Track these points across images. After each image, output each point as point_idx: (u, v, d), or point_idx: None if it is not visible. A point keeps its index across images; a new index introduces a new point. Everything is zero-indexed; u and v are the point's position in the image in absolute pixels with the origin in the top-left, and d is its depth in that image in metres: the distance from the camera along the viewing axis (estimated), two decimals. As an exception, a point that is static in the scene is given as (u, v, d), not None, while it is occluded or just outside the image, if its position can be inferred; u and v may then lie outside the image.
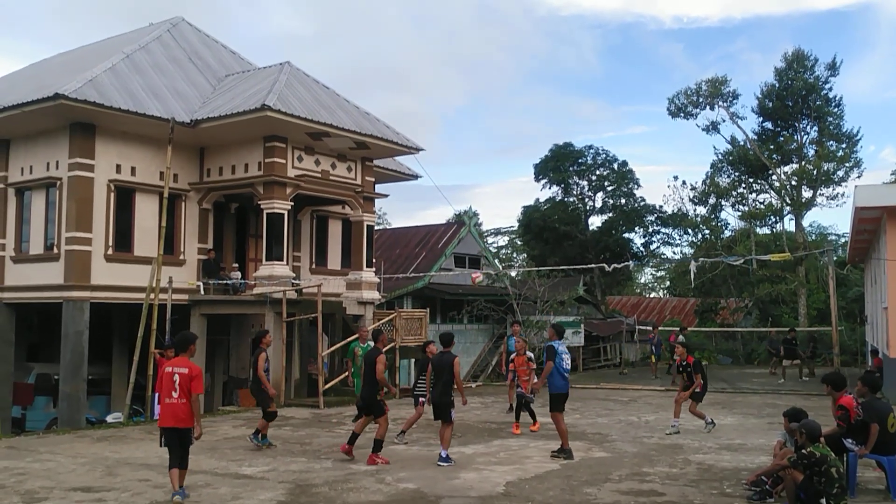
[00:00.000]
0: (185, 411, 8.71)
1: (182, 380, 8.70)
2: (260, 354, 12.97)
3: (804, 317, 39.87)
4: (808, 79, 41.97)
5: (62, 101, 18.14)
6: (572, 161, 49.99)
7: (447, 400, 10.88)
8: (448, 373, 10.90)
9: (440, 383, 10.97)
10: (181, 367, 8.79)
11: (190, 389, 8.66)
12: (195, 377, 8.73)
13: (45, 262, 20.16)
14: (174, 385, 8.72)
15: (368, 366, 11.32)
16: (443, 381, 10.94)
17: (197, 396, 8.75)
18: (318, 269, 25.28)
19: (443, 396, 10.89)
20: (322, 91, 22.89)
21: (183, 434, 8.81)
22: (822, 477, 7.70)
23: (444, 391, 10.91)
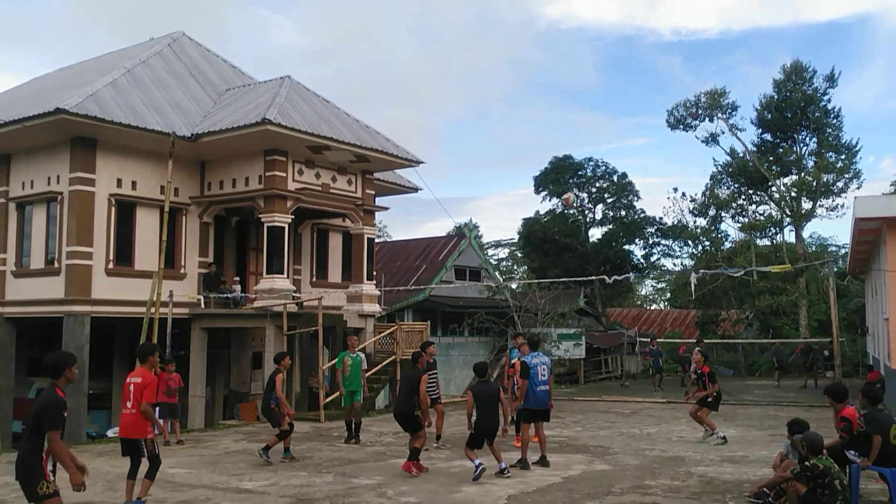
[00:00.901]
0: (136, 421, 8.62)
1: (136, 389, 8.64)
2: (277, 375, 13.01)
3: (805, 328, 39.82)
4: (806, 90, 42.11)
5: (63, 116, 18.20)
6: (572, 173, 50.06)
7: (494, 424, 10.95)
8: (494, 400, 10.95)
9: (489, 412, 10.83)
10: (137, 376, 8.75)
11: (143, 398, 8.58)
12: (147, 386, 8.63)
13: (46, 277, 20.17)
14: (129, 395, 8.70)
15: (412, 382, 11.48)
16: (491, 409, 10.87)
17: (146, 404, 8.58)
18: (319, 282, 25.28)
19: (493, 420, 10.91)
20: (322, 105, 22.97)
21: (133, 444, 8.72)
22: (825, 489, 7.68)
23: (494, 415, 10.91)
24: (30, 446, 6.24)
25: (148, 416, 8.64)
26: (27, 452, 6.25)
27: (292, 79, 23.23)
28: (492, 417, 10.70)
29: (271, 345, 20.12)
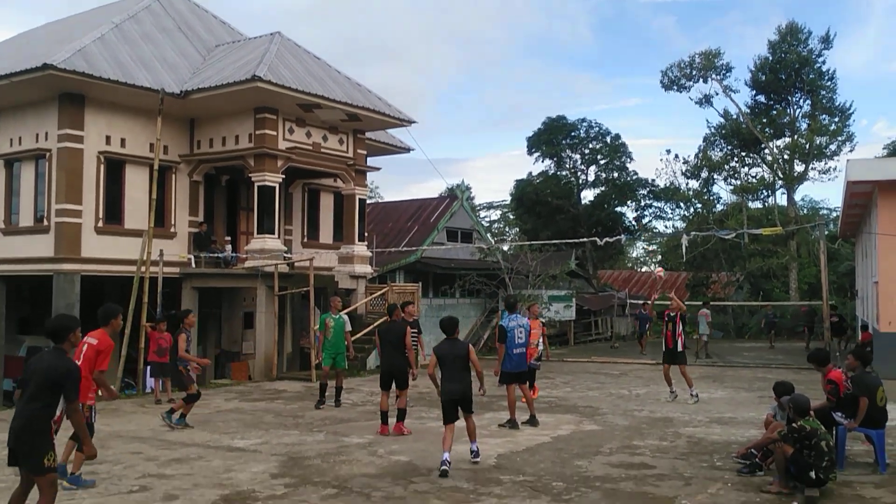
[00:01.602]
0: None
1: (89, 351, 7.85)
2: (180, 335, 12.48)
3: (795, 291, 40.08)
4: (801, 52, 41.83)
5: (51, 72, 17.92)
6: (565, 134, 49.76)
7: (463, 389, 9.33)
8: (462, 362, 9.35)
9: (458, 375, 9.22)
10: (94, 338, 7.97)
11: (95, 363, 7.86)
12: (103, 351, 7.89)
13: (35, 235, 20.02)
14: (79, 355, 7.81)
15: (397, 336, 11.40)
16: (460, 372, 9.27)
17: (99, 373, 7.87)
18: (310, 243, 25.21)
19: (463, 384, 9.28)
20: (313, 62, 22.67)
21: None
22: (811, 450, 7.75)
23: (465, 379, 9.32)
24: (39, 413, 5.80)
25: (99, 383, 7.95)
26: (35, 419, 5.80)
27: (283, 35, 22.89)
28: (461, 381, 9.11)
29: (262, 305, 20.11)
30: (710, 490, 8.04)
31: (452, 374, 9.15)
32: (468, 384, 9.16)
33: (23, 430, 5.79)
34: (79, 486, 7.90)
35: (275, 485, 8.27)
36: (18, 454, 5.85)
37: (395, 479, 8.51)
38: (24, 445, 5.79)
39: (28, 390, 5.91)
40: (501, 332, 11.66)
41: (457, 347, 9.35)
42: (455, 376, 9.13)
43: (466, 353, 9.29)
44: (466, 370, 9.23)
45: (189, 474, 8.75)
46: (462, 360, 9.23)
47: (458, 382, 9.12)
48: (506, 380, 11.84)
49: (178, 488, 8.11)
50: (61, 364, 5.93)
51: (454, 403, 9.11)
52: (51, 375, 5.85)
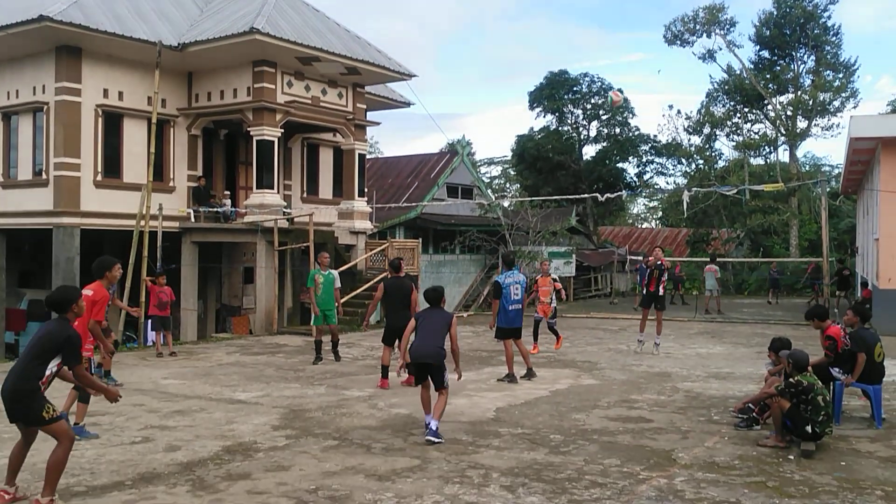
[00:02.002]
0: None
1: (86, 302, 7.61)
2: None
3: (795, 248, 40.09)
4: (806, 6, 41.22)
5: (47, 24, 17.69)
6: (567, 89, 49.28)
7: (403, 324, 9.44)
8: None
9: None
10: (89, 289, 7.96)
11: (91, 313, 7.84)
12: (98, 301, 7.91)
13: (34, 188, 19.96)
14: None
15: (405, 295, 11.50)
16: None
17: (94, 323, 7.89)
18: (310, 198, 25.14)
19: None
20: (312, 14, 22.36)
21: None
22: (808, 405, 7.81)
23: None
24: (27, 374, 5.90)
25: (94, 335, 8.02)
26: (22, 380, 5.90)
27: (281, -13, 22.51)
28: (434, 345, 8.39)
29: (262, 260, 20.14)
30: (707, 444, 8.12)
31: (425, 338, 8.42)
32: (440, 353, 8.37)
33: (12, 392, 5.91)
34: (82, 437, 7.96)
35: (276, 436, 8.35)
36: (13, 414, 5.99)
37: (394, 431, 8.60)
38: (17, 405, 5.92)
39: (25, 351, 6.08)
40: (497, 288, 11.71)
41: (440, 314, 8.67)
42: (427, 341, 8.37)
43: (448, 323, 8.56)
44: (442, 338, 8.46)
45: (191, 426, 8.84)
46: (442, 327, 8.49)
47: (431, 346, 8.34)
48: (501, 335, 11.91)
49: (180, 439, 8.19)
50: (62, 331, 6.03)
51: (423, 368, 8.38)
52: (49, 340, 5.97)
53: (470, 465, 7.24)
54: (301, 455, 7.59)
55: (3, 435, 8.04)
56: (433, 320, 8.55)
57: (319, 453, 7.66)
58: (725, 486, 6.61)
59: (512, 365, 11.93)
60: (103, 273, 8.21)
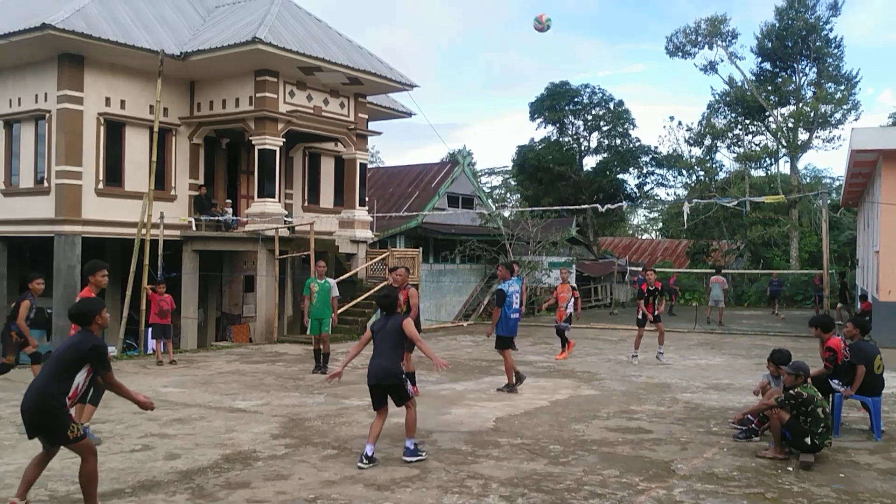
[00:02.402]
0: None
1: None
2: (23, 302, 10.80)
3: (795, 260, 40.09)
4: (808, 18, 41.36)
5: (50, 32, 17.80)
6: (568, 100, 49.41)
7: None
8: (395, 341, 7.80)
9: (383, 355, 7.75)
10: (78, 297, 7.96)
11: None
12: None
13: (36, 196, 20.02)
14: None
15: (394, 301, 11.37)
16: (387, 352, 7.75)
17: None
18: (311, 207, 25.19)
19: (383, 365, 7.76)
20: (314, 24, 22.46)
21: None
22: (807, 417, 7.81)
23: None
24: (55, 390, 5.66)
25: None
26: (52, 396, 5.66)
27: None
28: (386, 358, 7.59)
29: (263, 268, 20.17)
30: (706, 455, 8.11)
31: (377, 354, 7.70)
32: (392, 370, 7.55)
33: (36, 409, 5.67)
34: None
35: (275, 445, 8.35)
36: (36, 431, 5.76)
37: (394, 441, 8.59)
38: (40, 423, 5.68)
39: (47, 365, 5.82)
40: (500, 296, 11.73)
41: (393, 321, 7.75)
42: (378, 358, 7.63)
43: (399, 329, 7.64)
44: (395, 351, 7.69)
45: (191, 434, 8.84)
46: (395, 337, 7.67)
47: (380, 364, 7.59)
48: (503, 344, 11.90)
49: (179, 448, 8.19)
50: (86, 342, 5.86)
51: (379, 389, 7.63)
52: (73, 353, 5.79)
53: (469, 475, 7.23)
54: (300, 464, 7.59)
55: (3, 442, 8.04)
56: (385, 331, 7.72)
57: (319, 462, 7.66)
58: (724, 498, 6.61)
59: (511, 374, 11.92)
60: (88, 278, 8.25)
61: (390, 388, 7.61)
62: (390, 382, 7.58)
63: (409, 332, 7.70)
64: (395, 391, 7.64)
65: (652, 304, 15.32)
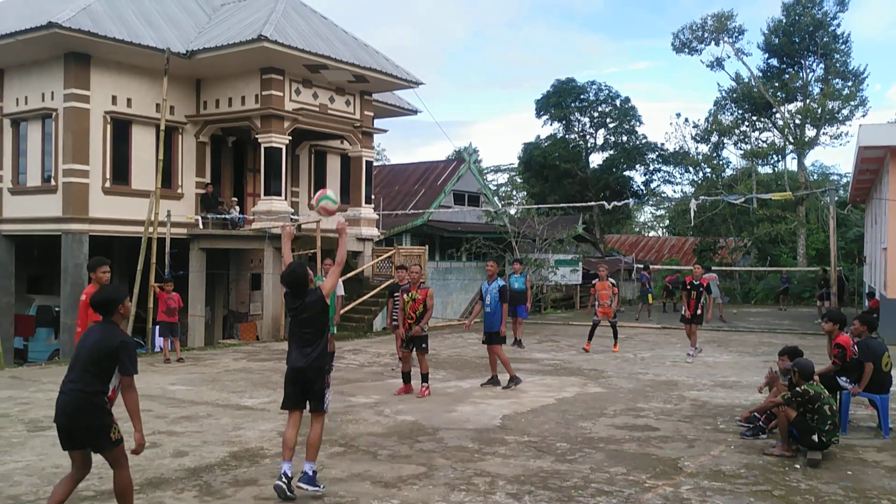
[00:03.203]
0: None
1: (81, 306, 8.00)
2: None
3: (803, 257, 39.96)
4: (816, 14, 41.16)
5: (56, 30, 17.83)
6: (574, 97, 49.31)
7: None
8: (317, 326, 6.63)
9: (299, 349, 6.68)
10: (84, 293, 8.02)
11: (87, 316, 7.70)
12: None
13: (43, 195, 20.08)
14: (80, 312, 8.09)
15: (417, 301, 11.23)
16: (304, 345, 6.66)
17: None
18: (317, 205, 25.18)
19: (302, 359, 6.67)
20: (320, 22, 22.46)
21: None
22: (814, 414, 7.79)
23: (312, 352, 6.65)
24: (92, 391, 5.26)
25: None
26: (93, 394, 5.26)
27: (290, -6, 22.64)
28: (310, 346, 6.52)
29: (270, 266, 20.20)
30: (713, 452, 8.10)
31: (296, 340, 6.60)
32: (317, 358, 6.48)
33: (78, 412, 5.23)
34: None
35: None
36: (77, 437, 5.29)
37: (401, 438, 8.60)
38: (83, 426, 5.24)
39: (77, 366, 5.35)
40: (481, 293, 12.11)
41: (312, 298, 6.47)
42: (298, 344, 6.57)
43: (321, 300, 6.49)
44: (319, 333, 6.51)
45: (198, 432, 8.87)
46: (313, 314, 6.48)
47: (301, 352, 6.53)
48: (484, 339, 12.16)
49: (187, 445, 8.21)
50: (113, 336, 5.42)
51: (296, 383, 6.56)
52: (102, 348, 5.34)
53: (476, 472, 7.24)
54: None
55: (12, 440, 8.07)
56: (301, 309, 6.46)
57: (326, 460, 7.67)
58: (731, 495, 6.60)
59: (511, 369, 12.02)
60: (89, 274, 8.25)
61: (308, 382, 6.42)
62: (312, 382, 6.42)
63: (328, 287, 6.53)
64: (313, 393, 6.46)
65: (695, 301, 15.20)
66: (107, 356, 5.32)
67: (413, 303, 11.20)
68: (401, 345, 11.64)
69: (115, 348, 5.33)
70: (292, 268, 6.59)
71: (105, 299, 5.58)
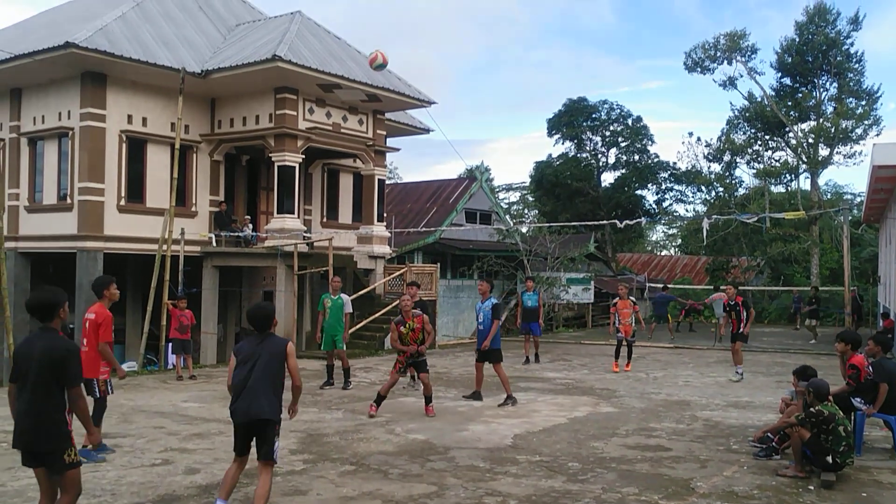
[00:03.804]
0: (88, 360, 7.89)
1: (90, 326, 8.11)
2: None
3: (816, 276, 39.70)
4: (829, 33, 41.14)
5: (73, 51, 18.06)
6: (586, 116, 49.44)
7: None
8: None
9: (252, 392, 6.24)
10: (91, 312, 8.20)
11: (98, 336, 8.04)
12: (101, 324, 8.07)
13: (59, 212, 20.26)
14: (84, 331, 8.19)
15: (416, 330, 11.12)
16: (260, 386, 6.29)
17: (104, 344, 8.07)
18: (330, 223, 25.31)
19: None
20: (334, 42, 22.66)
21: (87, 384, 7.85)
22: (829, 435, 7.74)
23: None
24: (49, 406, 5.04)
25: (105, 357, 8.10)
26: (46, 414, 5.03)
27: (303, 14, 22.89)
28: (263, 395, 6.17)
29: (282, 284, 20.26)
30: (726, 473, 8.05)
31: (256, 382, 6.17)
32: (274, 406, 6.20)
33: (37, 428, 5.03)
34: (90, 460, 8.03)
35: (294, 461, 8.37)
36: (37, 452, 5.12)
37: (412, 457, 8.59)
38: (41, 445, 5.05)
39: (28, 382, 5.09)
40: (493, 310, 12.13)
41: (267, 345, 6.28)
42: (258, 389, 6.15)
43: (283, 356, 6.31)
44: (276, 382, 6.27)
45: (210, 449, 8.88)
46: (276, 364, 6.28)
47: (263, 398, 6.14)
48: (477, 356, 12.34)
49: (199, 462, 8.23)
50: (58, 345, 5.14)
51: (247, 430, 6.27)
52: (49, 360, 5.07)
53: (487, 492, 7.22)
54: (318, 480, 7.61)
55: None
56: (262, 356, 6.22)
57: (337, 478, 7.67)
58: (745, 517, 6.54)
59: (509, 388, 12.16)
60: (102, 292, 8.33)
61: (262, 428, 6.17)
62: (269, 418, 6.15)
63: (293, 364, 6.36)
64: (265, 436, 6.17)
65: (736, 320, 15.39)
66: (55, 366, 5.07)
67: (412, 332, 11.20)
68: (398, 369, 11.38)
69: (62, 358, 5.08)
70: (261, 304, 6.67)
71: (43, 303, 5.30)
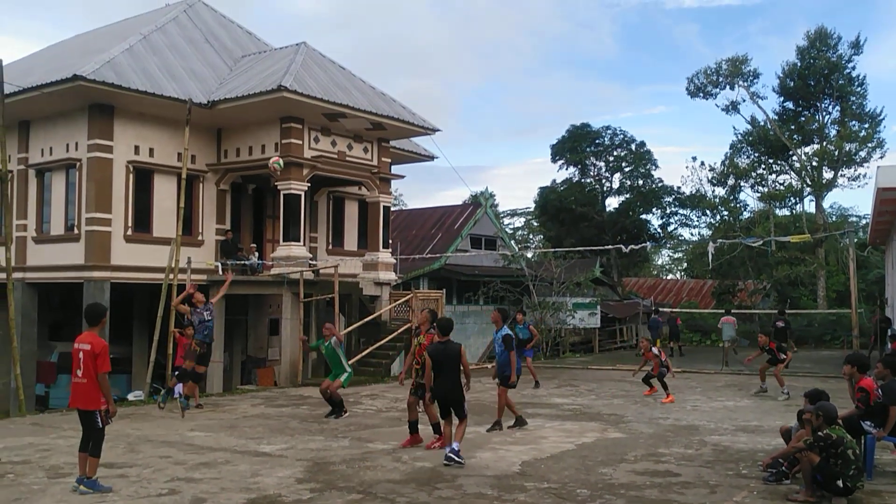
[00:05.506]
0: (87, 391, 8.00)
1: (85, 357, 8.00)
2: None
3: (823, 299, 39.58)
4: (830, 57, 41.40)
5: (80, 83, 18.26)
6: (589, 142, 49.64)
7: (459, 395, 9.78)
8: (455, 363, 9.81)
9: (446, 377, 9.77)
10: (85, 342, 8.04)
11: (95, 368, 7.96)
12: (99, 354, 7.97)
13: (66, 243, 20.37)
14: (79, 363, 8.05)
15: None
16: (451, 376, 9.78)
17: (103, 375, 8.01)
18: (335, 250, 25.37)
19: (455, 391, 9.77)
20: (338, 72, 22.87)
21: (87, 416, 8.09)
22: (838, 459, 7.69)
23: (455, 385, 9.79)
24: None
25: (103, 388, 8.04)
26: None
27: (308, 45, 23.13)
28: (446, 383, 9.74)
29: (288, 311, 20.28)
30: (736, 498, 7.99)
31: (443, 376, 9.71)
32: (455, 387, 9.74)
33: None
34: (95, 490, 8.03)
35: (300, 489, 8.34)
36: None
37: (419, 485, 8.55)
38: None
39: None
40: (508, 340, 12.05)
41: (449, 349, 9.79)
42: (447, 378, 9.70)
43: (458, 356, 9.77)
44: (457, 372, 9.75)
45: (217, 478, 8.86)
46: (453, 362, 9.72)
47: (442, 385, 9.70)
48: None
49: (205, 492, 8.21)
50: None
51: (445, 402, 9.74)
52: None
53: (495, 519, 7.17)
54: (326, 508, 7.56)
55: (32, 486, 8.08)
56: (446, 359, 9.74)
57: (344, 507, 7.63)
58: (755, 543, 6.49)
59: (501, 414, 12.20)
60: (97, 321, 8.28)
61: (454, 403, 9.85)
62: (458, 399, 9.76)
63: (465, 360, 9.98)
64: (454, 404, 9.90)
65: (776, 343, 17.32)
66: None
67: (420, 347, 11.14)
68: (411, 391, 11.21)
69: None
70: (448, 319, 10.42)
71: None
